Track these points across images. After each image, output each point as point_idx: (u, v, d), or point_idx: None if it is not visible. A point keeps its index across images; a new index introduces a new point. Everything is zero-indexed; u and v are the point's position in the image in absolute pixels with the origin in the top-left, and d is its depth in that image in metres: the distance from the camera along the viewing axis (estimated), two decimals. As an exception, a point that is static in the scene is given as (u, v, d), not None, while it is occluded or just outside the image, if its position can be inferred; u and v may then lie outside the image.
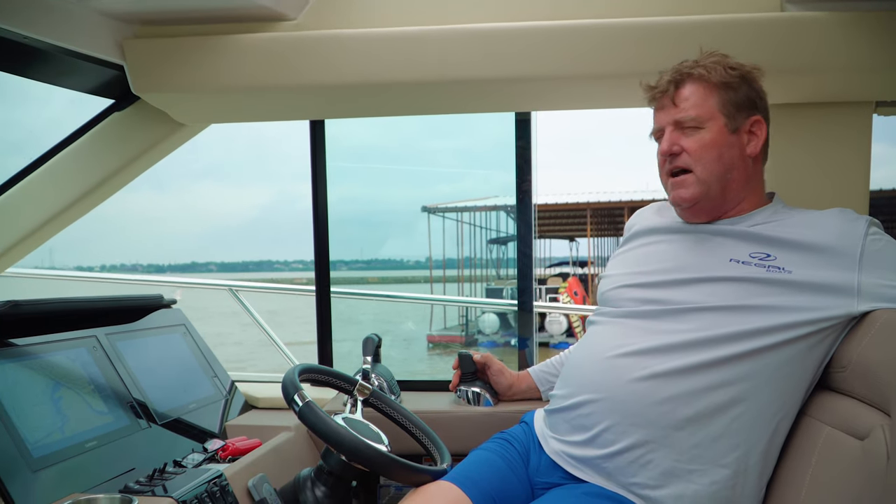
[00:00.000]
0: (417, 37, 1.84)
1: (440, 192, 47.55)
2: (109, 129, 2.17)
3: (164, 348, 2.19)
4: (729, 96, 1.57)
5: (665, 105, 1.61)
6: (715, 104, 1.57)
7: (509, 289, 19.83)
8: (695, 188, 1.58)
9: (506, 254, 25.95)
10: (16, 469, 1.45)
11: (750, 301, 1.48)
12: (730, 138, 1.57)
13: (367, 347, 2.19)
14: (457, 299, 20.02)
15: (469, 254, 23.72)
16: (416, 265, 27.27)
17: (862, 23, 1.72)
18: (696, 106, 1.57)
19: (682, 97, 1.58)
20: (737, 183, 1.60)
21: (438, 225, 22.76)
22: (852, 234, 1.49)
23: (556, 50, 1.81)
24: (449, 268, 23.83)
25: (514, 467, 1.65)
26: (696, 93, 1.57)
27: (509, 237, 25.60)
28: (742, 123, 1.59)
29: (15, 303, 1.72)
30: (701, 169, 1.57)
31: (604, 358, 1.55)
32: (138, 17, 1.90)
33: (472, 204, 23.31)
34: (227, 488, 1.64)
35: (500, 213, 24.44)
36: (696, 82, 1.58)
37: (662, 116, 1.62)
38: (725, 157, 1.57)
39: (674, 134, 1.59)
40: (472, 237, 23.99)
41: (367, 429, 1.71)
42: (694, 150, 1.57)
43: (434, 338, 20.03)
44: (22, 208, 2.21)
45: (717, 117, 1.57)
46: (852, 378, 1.40)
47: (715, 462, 1.46)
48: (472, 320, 21.10)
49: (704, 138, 1.56)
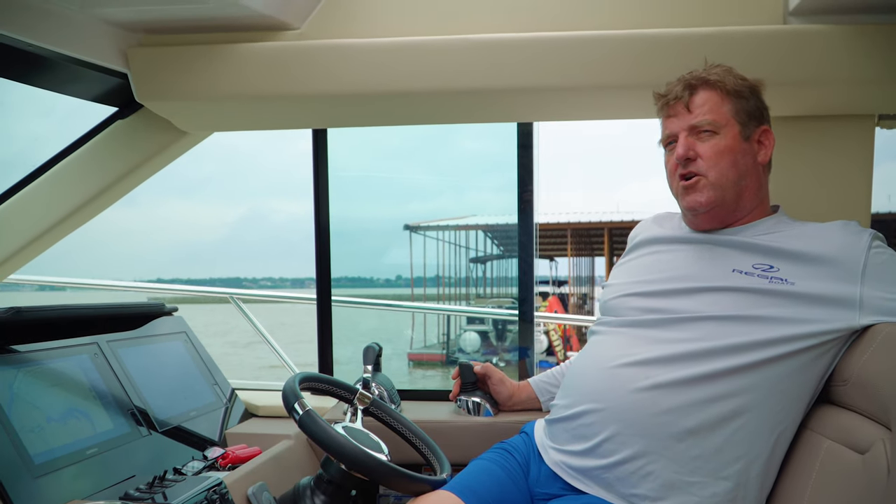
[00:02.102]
0: (421, 47, 1.85)
1: (413, 210, 47.34)
2: (113, 136, 2.17)
3: (165, 356, 2.19)
4: (741, 104, 1.58)
5: (678, 111, 1.61)
6: (729, 111, 1.57)
7: (491, 307, 19.70)
8: (709, 193, 1.58)
9: (486, 273, 26.08)
10: (17, 475, 1.45)
11: (752, 312, 1.48)
12: (743, 145, 1.58)
13: (368, 356, 2.19)
14: (455, 308, 19.94)
15: (450, 273, 23.86)
16: (387, 283, 26.92)
17: (865, 36, 1.72)
18: (711, 111, 1.57)
19: (697, 103, 1.58)
20: (750, 191, 1.60)
21: (407, 243, 22.85)
22: (855, 246, 1.49)
23: (559, 61, 1.82)
24: (428, 286, 23.82)
25: (514, 478, 1.64)
26: (711, 99, 1.58)
27: (490, 256, 25.75)
28: (753, 132, 1.59)
29: (17, 309, 1.72)
30: (716, 174, 1.57)
31: (606, 367, 1.55)
32: (142, 25, 1.90)
33: (453, 223, 23.48)
34: (227, 496, 1.64)
35: (479, 233, 24.56)
36: (711, 89, 1.58)
37: (675, 123, 1.61)
38: (740, 164, 1.58)
39: (689, 139, 1.59)
40: (450, 256, 24.15)
41: (367, 438, 1.70)
42: (709, 155, 1.57)
43: (415, 356, 19.93)
44: (26, 215, 2.22)
45: (732, 124, 1.57)
46: (853, 392, 1.40)
47: (716, 474, 1.45)
48: (453, 338, 21.00)
49: (720, 144, 1.57)
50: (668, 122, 1.64)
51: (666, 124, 1.65)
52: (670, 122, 1.63)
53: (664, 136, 1.65)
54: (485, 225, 24.11)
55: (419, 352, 20.37)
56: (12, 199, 2.21)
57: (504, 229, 24.13)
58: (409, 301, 20.33)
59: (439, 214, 26.88)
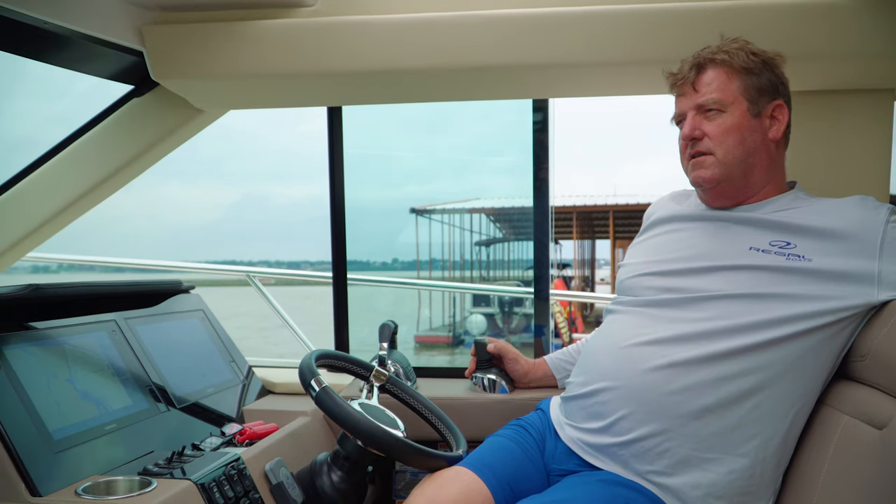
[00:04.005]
0: (435, 23, 1.84)
1: (409, 192, 46.98)
2: (129, 114, 2.18)
3: (183, 333, 2.21)
4: (751, 81, 1.57)
5: (686, 91, 1.61)
6: (737, 88, 1.56)
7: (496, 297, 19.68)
8: (714, 169, 1.58)
9: (490, 256, 26.12)
10: (37, 451, 1.46)
11: (769, 289, 1.47)
12: (752, 122, 1.57)
13: (384, 334, 2.20)
14: (471, 287, 19.90)
15: (456, 256, 23.92)
16: (383, 266, 26.79)
17: (882, 7, 1.69)
18: (717, 90, 1.56)
19: (704, 82, 1.58)
20: (760, 167, 1.59)
21: (404, 226, 22.83)
22: (873, 221, 1.48)
23: (574, 36, 1.80)
24: (433, 269, 23.88)
25: (530, 454, 1.65)
26: (717, 77, 1.57)
27: (495, 239, 25.78)
28: (764, 107, 1.58)
29: (36, 286, 1.73)
30: (722, 152, 1.57)
31: (621, 347, 1.55)
32: (158, 3, 1.90)
33: (459, 206, 23.55)
34: (245, 472, 1.65)
35: (482, 217, 24.58)
36: (718, 67, 1.58)
37: (684, 102, 1.62)
38: (748, 141, 1.57)
39: (696, 119, 1.59)
40: (456, 239, 24.20)
41: (384, 414, 1.71)
42: (716, 134, 1.57)
43: (421, 338, 19.96)
44: (43, 193, 2.23)
45: (739, 101, 1.56)
46: (871, 367, 1.39)
47: (733, 451, 1.45)
48: (459, 321, 21.02)
49: (726, 122, 1.56)
50: (678, 101, 1.65)
51: (676, 103, 1.66)
52: (680, 102, 1.64)
53: (675, 114, 1.66)
54: (490, 208, 24.10)
55: (425, 334, 20.42)
56: (30, 178, 2.22)
57: (508, 213, 24.16)
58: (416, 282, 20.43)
59: (438, 197, 26.88)
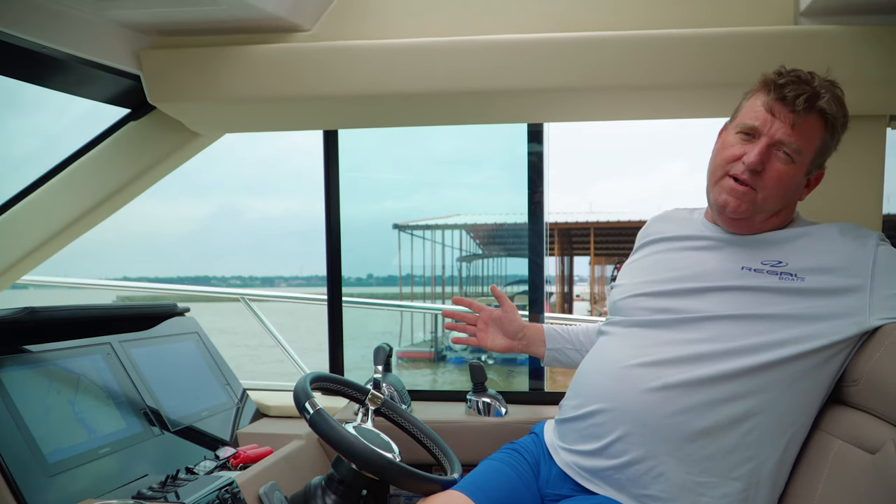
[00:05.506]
0: (432, 48, 1.86)
1: (387, 207, 46.77)
2: (125, 138, 2.19)
3: (177, 356, 2.20)
4: (825, 143, 1.54)
5: (783, 117, 1.51)
6: (816, 148, 1.53)
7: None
8: (747, 206, 1.54)
9: (470, 272, 26.22)
10: (31, 474, 1.46)
11: (762, 310, 1.48)
12: (801, 181, 1.56)
13: (378, 357, 2.20)
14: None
15: (437, 272, 24.01)
16: (357, 282, 26.70)
17: (876, 36, 1.72)
18: (807, 141, 1.51)
19: (804, 126, 1.50)
20: (779, 216, 1.60)
21: (383, 240, 22.92)
22: (862, 249, 1.49)
23: (569, 62, 1.82)
24: (415, 285, 23.92)
25: (524, 478, 1.64)
26: (815, 129, 1.51)
27: (477, 255, 25.88)
28: (814, 172, 1.58)
29: (31, 309, 1.73)
30: (764, 196, 1.53)
31: (616, 368, 1.55)
32: (155, 27, 1.92)
33: (442, 222, 23.71)
34: (239, 495, 1.65)
35: (462, 233, 24.68)
36: (821, 119, 1.51)
37: (771, 125, 1.51)
38: (788, 195, 1.56)
39: (768, 152, 1.52)
40: (437, 256, 24.30)
41: (378, 438, 1.71)
42: (772, 178, 1.52)
43: (404, 354, 19.89)
44: (39, 216, 2.23)
45: (807, 160, 1.53)
46: (864, 392, 1.39)
47: (727, 475, 1.45)
48: (441, 336, 20.98)
49: (788, 173, 1.52)
50: (762, 116, 1.52)
51: (758, 115, 1.53)
52: (765, 119, 1.52)
53: (747, 123, 1.54)
54: (472, 225, 24.28)
55: (407, 349, 20.37)
56: (26, 200, 2.23)
57: (489, 230, 24.27)
58: (399, 300, 20.44)
59: (415, 214, 26.93)
